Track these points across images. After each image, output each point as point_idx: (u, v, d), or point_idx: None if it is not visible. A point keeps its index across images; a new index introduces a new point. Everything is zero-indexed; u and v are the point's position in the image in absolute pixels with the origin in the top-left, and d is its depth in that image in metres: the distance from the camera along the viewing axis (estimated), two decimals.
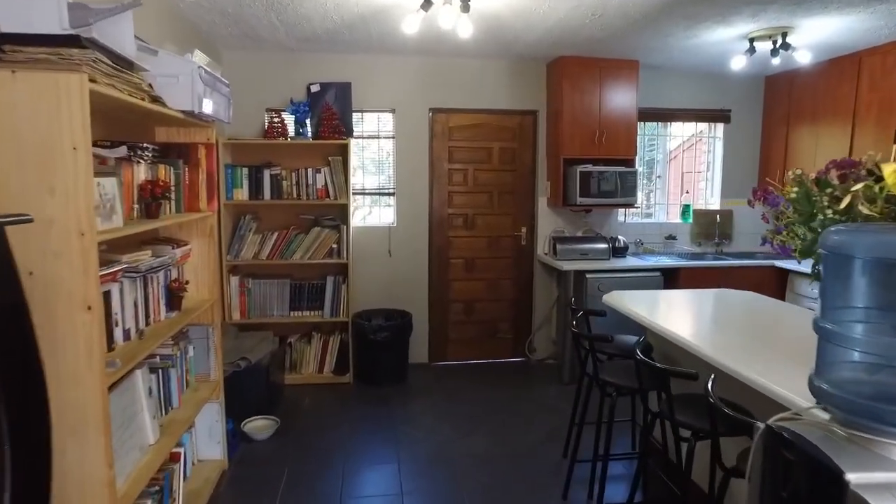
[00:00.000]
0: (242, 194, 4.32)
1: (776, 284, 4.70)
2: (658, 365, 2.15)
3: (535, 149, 4.93)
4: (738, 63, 3.98)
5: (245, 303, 4.40)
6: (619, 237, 4.87)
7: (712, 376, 1.90)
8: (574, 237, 4.79)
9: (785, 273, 4.65)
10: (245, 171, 4.31)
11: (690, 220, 5.19)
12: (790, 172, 1.94)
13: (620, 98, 4.60)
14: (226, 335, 3.95)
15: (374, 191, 4.81)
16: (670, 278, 4.58)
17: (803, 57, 3.82)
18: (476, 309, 5.02)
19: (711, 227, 5.21)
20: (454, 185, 4.86)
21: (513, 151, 4.92)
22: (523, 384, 4.54)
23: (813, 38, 3.84)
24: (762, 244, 1.95)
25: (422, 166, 4.76)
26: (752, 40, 3.79)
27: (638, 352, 2.30)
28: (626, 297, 3.22)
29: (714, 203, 5.30)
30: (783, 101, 4.98)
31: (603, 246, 4.69)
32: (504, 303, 5.06)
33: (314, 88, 4.53)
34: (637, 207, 4.79)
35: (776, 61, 3.98)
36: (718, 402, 1.81)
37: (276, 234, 4.38)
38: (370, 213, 4.88)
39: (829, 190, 1.81)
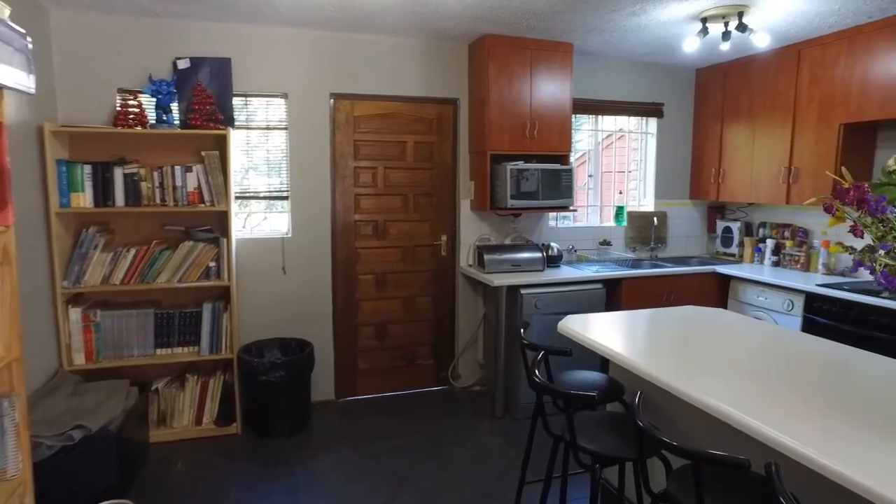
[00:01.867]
0: (84, 200, 3.28)
1: (719, 291, 4.35)
2: (695, 449, 1.47)
3: (456, 143, 4.26)
4: (691, 45, 3.52)
5: (92, 342, 3.36)
6: (552, 244, 4.32)
7: (774, 464, 1.29)
8: (503, 246, 4.18)
9: (727, 279, 4.31)
10: (87, 169, 3.28)
11: (625, 224, 4.75)
12: (891, 161, 1.39)
13: (554, 86, 4.04)
14: (57, 392, 2.93)
15: (262, 194, 3.92)
16: (612, 290, 4.08)
17: (761, 40, 3.43)
18: (390, 332, 4.27)
19: (647, 231, 4.81)
20: (362, 186, 4.08)
21: (430, 146, 4.21)
22: (450, 420, 3.85)
23: (768, 20, 3.46)
24: (854, 270, 1.38)
25: (322, 164, 3.93)
26: (704, 20, 3.34)
27: (639, 420, 1.67)
28: (586, 325, 2.62)
29: (648, 204, 4.90)
30: (717, 95, 4.66)
31: (536, 255, 4.11)
32: (423, 324, 4.35)
33: (182, 64, 3.58)
34: (574, 210, 4.26)
35: (725, 46, 3.57)
36: None
37: (133, 252, 3.38)
38: (259, 222, 3.98)
39: None
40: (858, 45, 3.61)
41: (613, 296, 4.09)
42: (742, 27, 3.26)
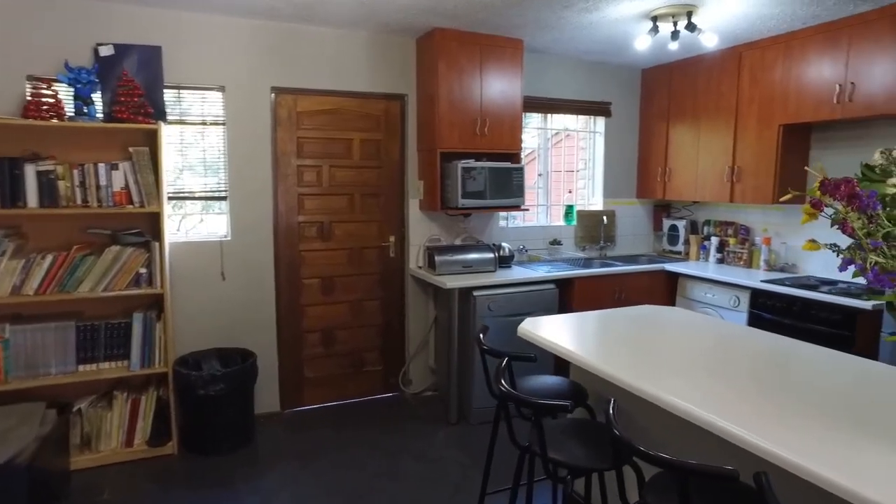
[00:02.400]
0: None
1: (667, 289, 4.40)
2: (681, 462, 1.38)
3: (404, 141, 4.11)
4: (643, 43, 3.52)
5: (0, 360, 3.01)
6: (504, 244, 4.24)
7: (764, 475, 1.23)
8: (453, 246, 4.06)
9: (675, 277, 4.37)
10: None
11: (574, 223, 4.74)
12: (876, 156, 1.35)
13: (504, 83, 3.95)
14: None
15: (198, 194, 3.64)
16: (565, 289, 4.04)
17: (709, 40, 3.46)
18: (337, 339, 4.07)
19: (596, 230, 4.81)
20: (306, 185, 3.87)
21: (377, 144, 4.05)
22: (403, 429, 3.70)
23: (714, 22, 3.50)
24: (842, 269, 1.32)
25: (263, 162, 3.70)
26: (655, 19, 3.34)
27: (616, 429, 1.59)
28: (546, 328, 2.54)
29: (596, 203, 4.91)
30: (662, 95, 4.72)
31: (488, 256, 4.02)
32: (371, 329, 4.17)
33: (105, 51, 3.26)
34: (526, 209, 4.19)
35: (674, 46, 3.59)
36: None
37: (50, 258, 3.04)
38: (196, 225, 3.70)
39: None
40: (794, 49, 3.71)
41: (566, 295, 4.06)
42: (691, 27, 3.28)
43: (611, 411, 1.68)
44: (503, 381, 1.97)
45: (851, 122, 3.62)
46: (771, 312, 3.62)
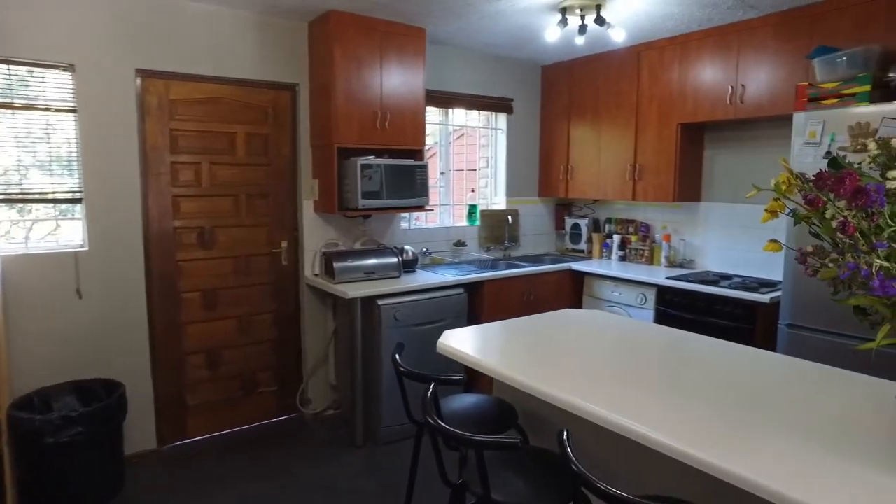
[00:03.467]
0: None
1: (574, 288, 4.36)
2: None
3: (296, 135, 3.70)
4: (553, 35, 3.39)
5: None
6: (407, 247, 3.97)
7: None
8: (353, 251, 3.72)
9: (581, 276, 4.33)
10: None
11: (478, 223, 4.57)
12: (872, 145, 1.22)
13: (406, 74, 3.67)
14: None
15: (38, 195, 3.00)
16: (473, 293, 3.85)
17: (617, 35, 3.40)
18: (224, 359, 3.59)
19: (500, 230, 4.67)
20: (182, 185, 3.35)
21: (265, 138, 3.61)
22: (304, 455, 3.31)
23: (617, 19, 3.45)
24: (844, 276, 1.17)
25: (128, 158, 3.13)
26: (564, 11, 3.22)
27: (574, 464, 1.37)
28: (466, 341, 2.30)
29: (499, 203, 4.78)
30: (563, 93, 4.68)
31: (391, 260, 3.73)
32: (263, 345, 3.73)
33: None
34: (431, 209, 3.94)
35: (580, 41, 3.50)
36: None
37: None
38: (49, 232, 3.06)
39: None
40: (690, 50, 3.78)
41: (475, 300, 3.87)
42: (600, 20, 3.20)
43: (565, 440, 1.46)
44: (433, 415, 1.70)
45: (741, 122, 3.75)
46: (677, 309, 3.66)
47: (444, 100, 4.29)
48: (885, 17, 2.96)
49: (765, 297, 3.22)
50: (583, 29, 3.32)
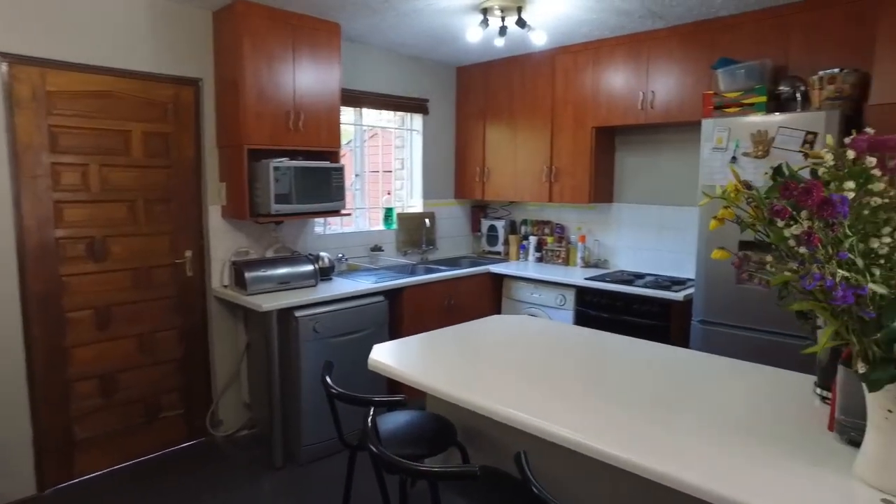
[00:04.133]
0: None
1: (494, 291, 4.35)
2: None
3: (200, 135, 3.39)
4: (475, 36, 3.32)
5: None
6: (322, 254, 3.77)
7: None
8: (266, 260, 3.47)
9: (500, 278, 4.32)
10: None
11: (395, 227, 4.44)
12: (828, 157, 1.23)
13: (320, 71, 3.47)
14: None
15: None
16: (393, 300, 3.72)
17: (539, 38, 3.40)
18: (121, 383, 3.21)
19: (418, 234, 4.57)
20: (66, 189, 2.95)
21: (165, 138, 3.27)
22: (217, 484, 3.03)
23: (541, 21, 3.46)
24: (811, 286, 1.16)
25: None
26: (485, 11, 3.18)
27: (535, 486, 1.30)
28: (398, 356, 2.18)
29: (416, 205, 4.67)
30: (478, 94, 4.66)
31: (307, 268, 3.51)
32: (167, 366, 3.38)
33: None
34: (348, 214, 3.76)
35: (500, 42, 3.48)
36: None
37: None
38: None
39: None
40: (603, 56, 3.89)
41: (396, 307, 3.74)
42: (521, 23, 3.19)
43: (523, 462, 1.39)
44: (378, 445, 1.56)
45: (650, 127, 3.91)
46: (596, 309, 3.75)
47: (358, 99, 4.12)
48: (773, 36, 3.19)
49: (678, 296, 3.37)
50: (503, 31, 3.30)
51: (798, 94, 3.03)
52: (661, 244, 4.03)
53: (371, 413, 1.75)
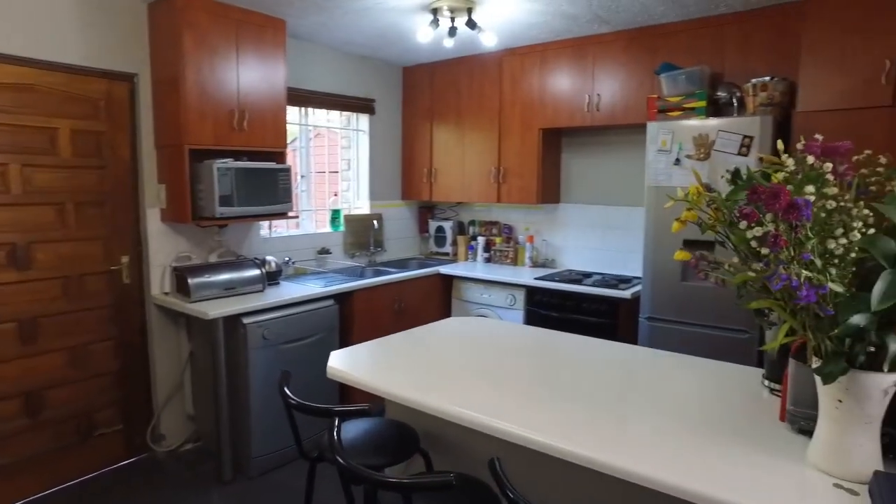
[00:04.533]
0: None
1: (443, 292, 4.34)
2: None
3: (137, 134, 3.20)
4: (425, 36, 3.30)
5: None
6: (268, 258, 3.65)
7: None
8: (210, 265, 3.31)
9: (450, 279, 4.32)
10: None
11: (342, 229, 4.35)
12: (790, 161, 1.27)
13: (266, 69, 3.35)
14: None
15: None
16: (343, 304, 3.64)
17: (489, 39, 3.41)
18: (49, 402, 2.97)
19: (365, 235, 4.50)
20: None
21: (97, 137, 3.06)
22: (162, 502, 2.87)
23: (491, 23, 3.47)
24: (777, 286, 1.20)
25: None
26: (435, 11, 3.16)
27: (510, 492, 1.29)
28: (356, 363, 2.14)
29: (363, 207, 4.60)
30: (425, 95, 4.63)
31: (254, 273, 3.39)
32: (103, 379, 3.17)
33: None
34: (295, 216, 3.65)
35: (449, 43, 3.46)
36: None
37: None
38: None
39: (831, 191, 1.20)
40: (549, 59, 3.95)
41: (346, 311, 3.67)
42: (472, 24, 3.19)
43: (501, 474, 1.37)
44: (344, 457, 1.51)
45: (595, 129, 4.00)
46: (546, 308, 3.80)
47: (304, 98, 4.01)
48: (710, 44, 3.33)
49: (626, 294, 3.47)
50: (452, 31, 3.29)
51: (734, 100, 3.18)
52: (606, 243, 4.14)
53: (336, 424, 1.70)
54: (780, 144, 1.55)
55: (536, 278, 3.88)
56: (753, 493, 1.25)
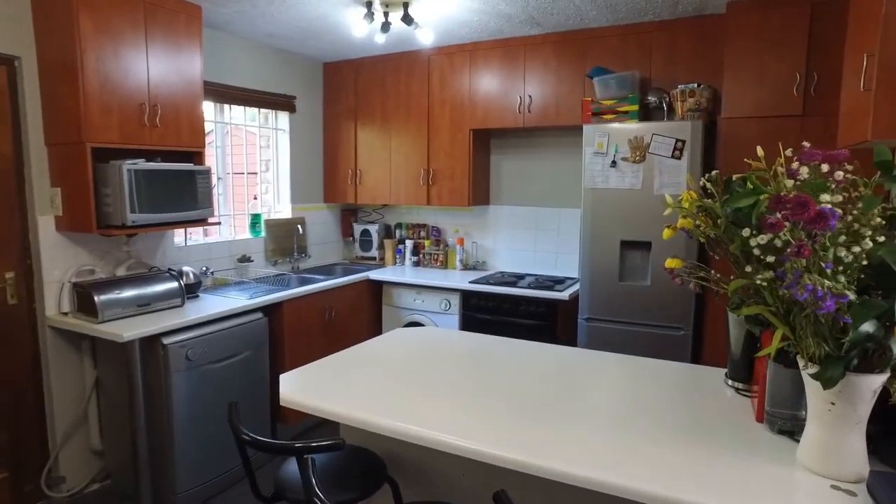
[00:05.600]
0: None
1: (374, 298, 4.16)
2: None
3: (21, 129, 2.75)
4: (361, 30, 3.10)
5: None
6: (185, 269, 3.30)
7: None
8: (118, 280, 2.92)
9: (380, 285, 4.14)
10: None
11: (263, 234, 4.04)
12: (801, 166, 1.24)
13: (181, 59, 3.01)
14: None
15: None
16: (272, 317, 3.37)
17: (426, 37, 3.27)
18: None
19: (288, 241, 4.21)
20: None
21: None
22: None
23: (425, 19, 3.33)
24: (802, 297, 1.16)
25: None
26: (369, 4, 2.98)
27: None
28: (309, 387, 1.93)
29: (284, 210, 4.30)
30: (348, 93, 4.41)
31: (171, 286, 3.04)
32: None
33: None
34: (217, 223, 3.31)
35: (381, 39, 3.30)
36: None
37: None
38: None
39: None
40: (479, 59, 3.90)
41: (274, 323, 3.39)
42: (408, 20, 3.05)
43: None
44: (321, 498, 1.33)
45: (525, 130, 4.01)
46: (482, 312, 3.74)
47: (219, 93, 3.67)
48: (637, 50, 3.43)
49: (564, 295, 3.49)
50: (386, 27, 3.14)
51: (664, 105, 3.29)
52: (538, 245, 4.16)
53: (310, 463, 1.51)
54: (760, 151, 1.56)
55: (471, 282, 3.81)
56: (751, 499, 1.24)
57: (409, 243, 4.45)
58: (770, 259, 1.30)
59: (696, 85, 3.16)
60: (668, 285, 3.15)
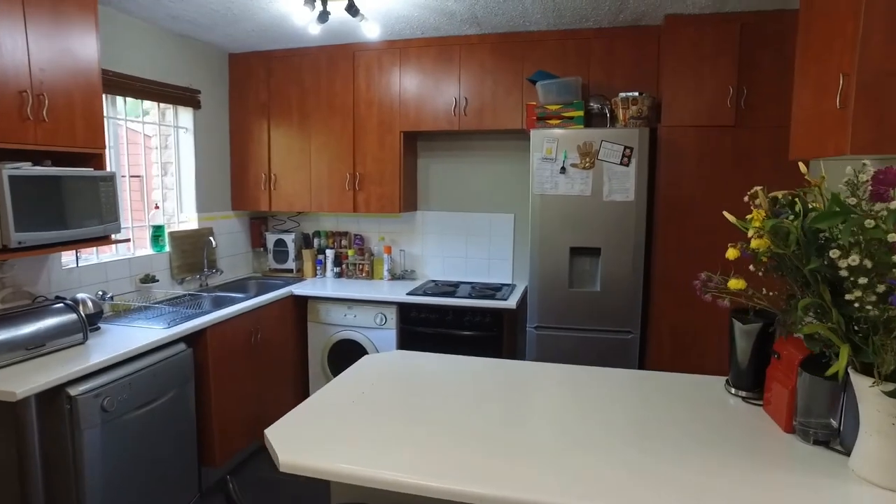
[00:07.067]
0: None
1: (299, 315, 3.77)
2: None
3: None
4: (302, 18, 2.72)
5: None
6: (80, 296, 2.70)
7: None
8: None
9: (304, 300, 3.75)
10: None
11: (167, 249, 3.46)
12: (863, 175, 1.19)
13: (72, 38, 2.43)
14: None
15: None
16: (195, 346, 2.88)
17: (371, 30, 2.96)
18: None
19: (197, 256, 3.65)
20: None
21: None
22: None
23: (366, 10, 3.02)
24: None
25: None
26: None
27: None
28: (311, 445, 1.62)
29: (189, 220, 3.73)
30: (260, 88, 3.94)
31: (67, 318, 2.46)
32: None
33: None
34: (126, 240, 2.74)
35: (315, 30, 2.94)
36: None
37: None
38: None
39: None
40: (410, 57, 3.67)
41: (199, 355, 2.91)
42: (353, 10, 2.74)
43: None
44: None
45: (458, 133, 3.84)
46: (424, 325, 3.52)
47: (112, 83, 3.06)
48: (576, 56, 3.43)
49: (511, 303, 3.39)
50: (324, 16, 2.81)
51: (607, 112, 3.32)
52: (469, 251, 4.03)
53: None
54: (802, 167, 1.56)
55: (408, 293, 3.58)
56: None
57: (329, 253, 4.10)
58: (862, 280, 1.28)
59: (637, 93, 3.22)
60: (617, 290, 3.18)
